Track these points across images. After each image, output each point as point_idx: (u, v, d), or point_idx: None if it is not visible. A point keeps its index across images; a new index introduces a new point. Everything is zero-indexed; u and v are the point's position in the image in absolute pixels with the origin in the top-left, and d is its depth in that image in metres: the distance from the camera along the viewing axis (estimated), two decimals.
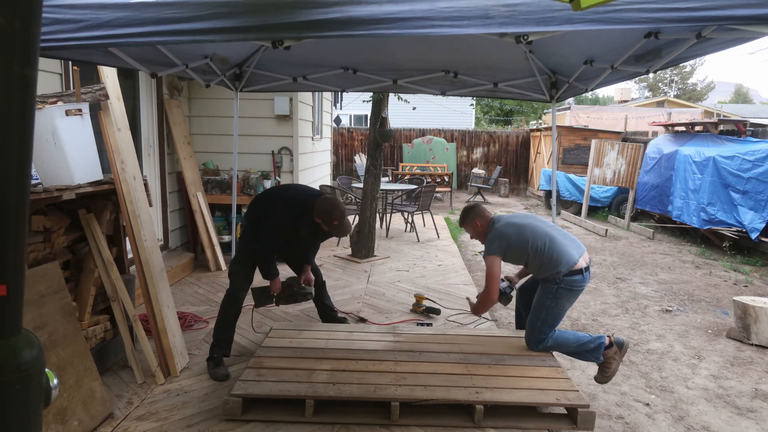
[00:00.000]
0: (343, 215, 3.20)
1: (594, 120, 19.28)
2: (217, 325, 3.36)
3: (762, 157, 6.99)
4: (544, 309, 3.19)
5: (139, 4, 1.94)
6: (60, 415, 2.47)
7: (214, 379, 3.20)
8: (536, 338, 3.24)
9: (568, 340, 3.22)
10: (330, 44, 3.64)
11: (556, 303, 3.16)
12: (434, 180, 12.18)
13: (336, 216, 3.18)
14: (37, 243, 2.76)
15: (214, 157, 6.27)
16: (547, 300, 3.16)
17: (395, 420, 2.70)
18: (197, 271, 5.69)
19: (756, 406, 3.22)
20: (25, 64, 0.89)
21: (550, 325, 3.22)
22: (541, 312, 3.20)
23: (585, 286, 3.20)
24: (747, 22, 1.83)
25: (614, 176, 10.01)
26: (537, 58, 3.84)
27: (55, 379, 1.03)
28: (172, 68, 3.47)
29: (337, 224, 3.19)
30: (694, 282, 6.16)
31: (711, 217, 7.62)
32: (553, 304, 3.16)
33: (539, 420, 2.79)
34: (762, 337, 4.15)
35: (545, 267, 3.14)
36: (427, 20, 1.83)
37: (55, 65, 3.73)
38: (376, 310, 4.57)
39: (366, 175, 6.48)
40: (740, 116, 18.00)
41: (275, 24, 1.90)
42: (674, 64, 2.89)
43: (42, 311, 2.57)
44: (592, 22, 1.83)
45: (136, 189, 3.31)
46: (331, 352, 3.29)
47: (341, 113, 17.90)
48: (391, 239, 7.78)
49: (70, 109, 2.86)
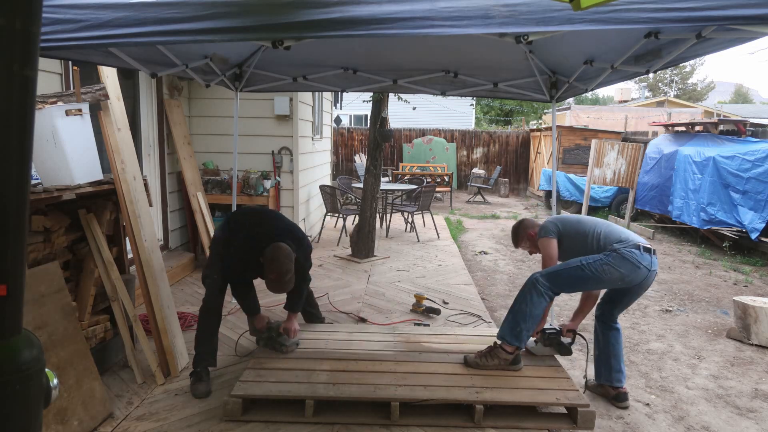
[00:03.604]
0: (281, 273, 2.90)
1: (594, 120, 19.29)
2: (197, 337, 3.16)
3: (762, 157, 6.99)
4: (576, 263, 2.90)
5: (139, 4, 1.94)
6: (60, 415, 2.47)
7: (193, 396, 2.99)
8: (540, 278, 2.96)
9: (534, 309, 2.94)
10: (330, 44, 3.64)
11: (594, 264, 2.85)
12: (434, 180, 12.18)
13: (273, 269, 2.91)
14: (37, 243, 2.76)
15: (214, 157, 6.27)
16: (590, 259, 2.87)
17: (395, 420, 2.70)
18: (197, 271, 5.69)
19: (756, 406, 3.22)
20: (25, 64, 0.89)
21: (562, 279, 2.92)
22: (571, 264, 2.91)
23: (647, 270, 2.86)
24: (747, 22, 1.83)
25: (614, 176, 10.00)
26: (537, 58, 3.84)
27: (55, 379, 1.03)
28: (172, 68, 3.47)
29: (272, 278, 2.92)
30: (694, 282, 6.16)
31: (711, 217, 7.62)
32: (590, 263, 2.86)
33: (539, 420, 2.79)
34: (762, 337, 4.15)
35: (605, 241, 2.92)
36: (427, 20, 1.83)
37: (55, 65, 3.73)
38: (376, 310, 4.57)
39: (366, 175, 6.48)
40: (740, 116, 18.01)
41: (275, 24, 1.90)
42: (674, 64, 2.89)
43: (42, 311, 2.57)
44: (592, 22, 1.83)
45: (136, 189, 3.31)
46: (330, 353, 3.29)
47: (341, 113, 17.91)
48: (391, 239, 7.78)
49: (70, 109, 2.86)
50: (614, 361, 3.12)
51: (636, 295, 3.07)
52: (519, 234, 3.36)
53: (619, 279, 2.89)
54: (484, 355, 3.10)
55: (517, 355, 3.08)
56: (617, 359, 3.13)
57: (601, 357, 3.18)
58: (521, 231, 3.34)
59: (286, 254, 2.96)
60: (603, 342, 3.17)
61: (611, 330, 3.16)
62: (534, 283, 2.98)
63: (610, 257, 2.87)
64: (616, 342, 3.14)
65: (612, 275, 2.87)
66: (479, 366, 3.07)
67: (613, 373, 3.13)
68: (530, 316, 2.97)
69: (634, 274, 2.87)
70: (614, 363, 3.12)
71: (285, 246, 3.00)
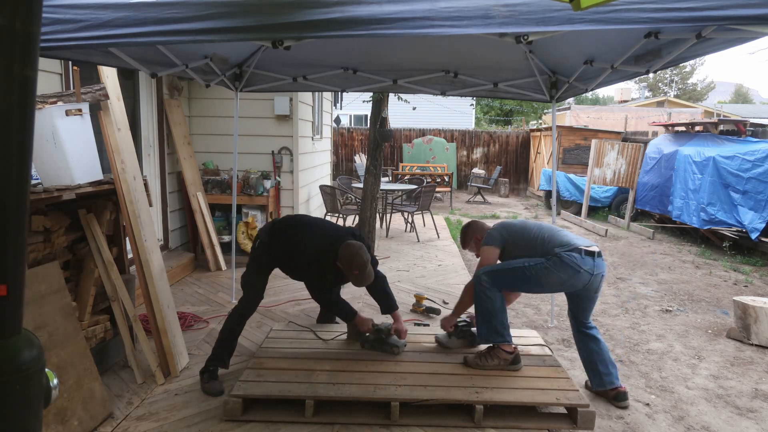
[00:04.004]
0: (365, 265, 3.01)
1: (594, 120, 19.29)
2: (222, 338, 3.15)
3: (762, 157, 6.99)
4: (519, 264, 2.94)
5: (139, 4, 1.94)
6: (60, 415, 2.47)
7: (206, 394, 3.01)
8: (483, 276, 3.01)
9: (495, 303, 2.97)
10: (330, 44, 3.64)
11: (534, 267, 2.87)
12: (434, 180, 12.18)
13: (356, 265, 3.00)
14: (37, 243, 2.76)
15: (214, 157, 6.27)
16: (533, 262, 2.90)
17: (395, 420, 2.70)
18: (197, 271, 5.69)
19: (756, 406, 3.22)
20: (25, 64, 0.89)
21: (502, 278, 2.98)
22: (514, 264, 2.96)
23: (588, 275, 2.88)
24: (747, 22, 1.83)
25: (614, 176, 10.00)
26: (537, 58, 3.84)
27: (55, 379, 1.03)
28: (172, 68, 3.47)
29: (357, 274, 3.00)
30: (694, 282, 6.16)
31: (711, 217, 7.62)
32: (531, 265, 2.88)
33: (539, 420, 2.79)
34: (762, 337, 4.15)
35: (549, 245, 2.94)
36: (427, 20, 1.83)
37: (55, 65, 3.73)
38: (377, 310, 4.56)
39: (366, 175, 6.47)
40: (740, 116, 18.02)
41: (275, 24, 1.90)
42: (674, 64, 2.89)
43: (42, 311, 2.57)
44: (592, 22, 1.83)
45: (136, 189, 3.31)
46: (331, 353, 3.29)
47: (341, 113, 17.91)
48: (391, 239, 7.78)
49: (70, 109, 2.86)
50: (601, 366, 3.12)
51: (589, 299, 3.08)
52: (467, 236, 3.38)
53: (558, 284, 2.94)
54: (483, 355, 3.10)
55: (516, 355, 3.08)
56: (603, 363, 3.11)
57: (588, 365, 3.19)
58: (470, 233, 3.36)
59: (359, 248, 3.05)
60: (584, 351, 3.18)
61: (588, 339, 3.14)
62: (479, 282, 3.04)
63: (551, 261, 2.89)
64: (597, 348, 3.12)
65: (551, 279, 2.91)
66: (479, 366, 3.08)
67: (603, 377, 3.13)
68: (496, 310, 3.01)
69: (574, 279, 2.89)
70: (601, 368, 3.12)
71: (353, 243, 3.09)
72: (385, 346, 3.27)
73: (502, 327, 3.03)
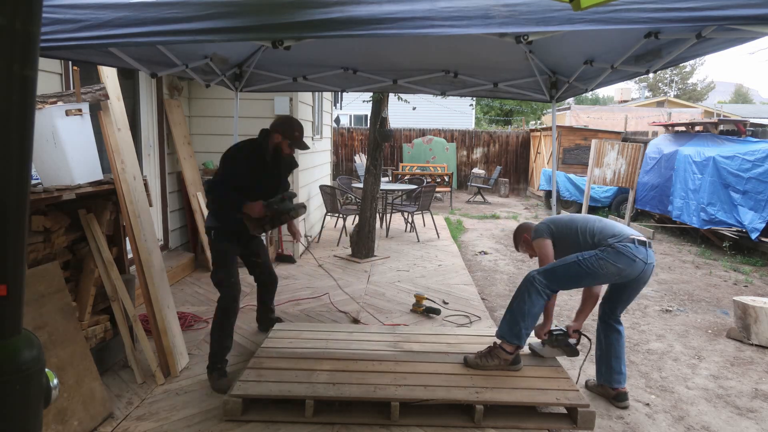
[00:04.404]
0: (302, 128, 3.26)
1: (594, 120, 19.29)
2: (216, 337, 3.17)
3: (762, 157, 6.99)
4: (573, 259, 2.91)
5: (139, 4, 1.94)
6: (60, 415, 2.47)
7: (217, 391, 3.02)
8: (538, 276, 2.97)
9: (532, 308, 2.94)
10: (330, 44, 3.64)
11: (590, 260, 2.85)
12: (434, 180, 12.18)
13: (296, 127, 3.22)
14: (37, 243, 2.76)
15: (214, 157, 6.26)
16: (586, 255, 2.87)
17: (395, 420, 2.70)
18: (197, 271, 5.69)
19: (756, 406, 3.22)
20: (25, 64, 0.89)
21: (559, 275, 2.93)
22: (568, 260, 2.92)
23: (643, 263, 2.86)
24: (747, 22, 1.83)
25: (614, 176, 10.00)
26: (537, 58, 3.84)
27: (55, 379, 1.03)
28: (172, 68, 3.47)
29: (298, 135, 3.22)
30: (694, 282, 6.16)
31: (711, 217, 7.62)
32: (586, 258, 2.86)
33: (539, 420, 2.79)
34: (762, 337, 4.15)
35: (599, 237, 2.93)
36: (427, 20, 1.83)
37: (55, 65, 3.73)
38: (377, 310, 4.57)
39: (366, 175, 6.48)
40: (740, 116, 18.01)
41: (275, 24, 1.90)
42: (674, 64, 2.89)
43: (42, 311, 2.57)
44: (592, 22, 1.83)
45: (136, 189, 3.31)
46: (331, 353, 3.29)
47: (341, 113, 17.91)
48: (391, 239, 7.78)
49: (70, 109, 2.86)
50: (615, 362, 3.12)
51: (635, 290, 3.06)
52: (517, 238, 3.40)
53: (616, 274, 2.89)
54: (484, 355, 3.10)
55: (517, 355, 3.08)
56: (618, 360, 3.12)
57: (603, 357, 3.18)
58: (518, 235, 3.38)
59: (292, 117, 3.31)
60: (605, 342, 3.17)
61: (613, 331, 3.15)
62: (531, 281, 2.98)
63: (606, 252, 2.87)
64: (618, 343, 3.14)
65: (609, 270, 2.87)
66: (479, 366, 3.07)
67: (613, 374, 3.13)
68: (529, 315, 2.97)
69: (630, 268, 2.87)
70: (615, 364, 3.12)
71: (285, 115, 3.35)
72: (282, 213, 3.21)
73: (525, 333, 3.00)
